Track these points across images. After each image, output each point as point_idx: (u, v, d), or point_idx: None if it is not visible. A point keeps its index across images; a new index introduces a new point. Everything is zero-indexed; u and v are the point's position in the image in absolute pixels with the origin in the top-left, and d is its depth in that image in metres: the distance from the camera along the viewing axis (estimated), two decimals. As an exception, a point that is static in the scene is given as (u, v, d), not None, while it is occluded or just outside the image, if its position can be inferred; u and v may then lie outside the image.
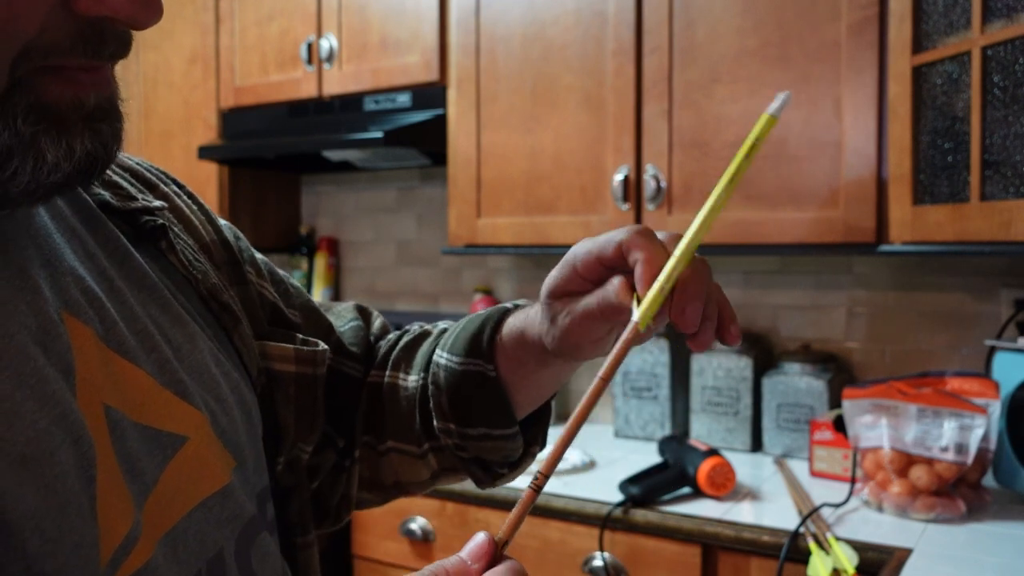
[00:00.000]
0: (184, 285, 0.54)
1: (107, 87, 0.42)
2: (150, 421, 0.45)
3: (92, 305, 0.45)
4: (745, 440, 1.89)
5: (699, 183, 1.72)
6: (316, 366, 0.62)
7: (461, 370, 0.62)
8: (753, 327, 2.01)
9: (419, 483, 0.70)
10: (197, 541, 0.45)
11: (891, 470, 1.47)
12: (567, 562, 1.56)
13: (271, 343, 0.60)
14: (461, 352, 0.63)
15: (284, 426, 0.60)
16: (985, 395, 1.47)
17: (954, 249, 1.43)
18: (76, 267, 0.45)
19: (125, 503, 0.41)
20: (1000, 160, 1.32)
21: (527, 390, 0.63)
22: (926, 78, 1.44)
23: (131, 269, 0.50)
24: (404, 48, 2.07)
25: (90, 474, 0.40)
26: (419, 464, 0.68)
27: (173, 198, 0.59)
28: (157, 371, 0.47)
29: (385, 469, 0.69)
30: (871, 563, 1.30)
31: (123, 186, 0.54)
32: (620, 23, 1.79)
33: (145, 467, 0.43)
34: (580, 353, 0.57)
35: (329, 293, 2.63)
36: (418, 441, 0.67)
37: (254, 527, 0.50)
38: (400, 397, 0.68)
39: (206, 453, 0.47)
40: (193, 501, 0.46)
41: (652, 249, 0.49)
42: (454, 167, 2.02)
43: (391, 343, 0.72)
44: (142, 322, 0.48)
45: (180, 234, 0.56)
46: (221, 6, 2.36)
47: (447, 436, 0.65)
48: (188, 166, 2.41)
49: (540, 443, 0.68)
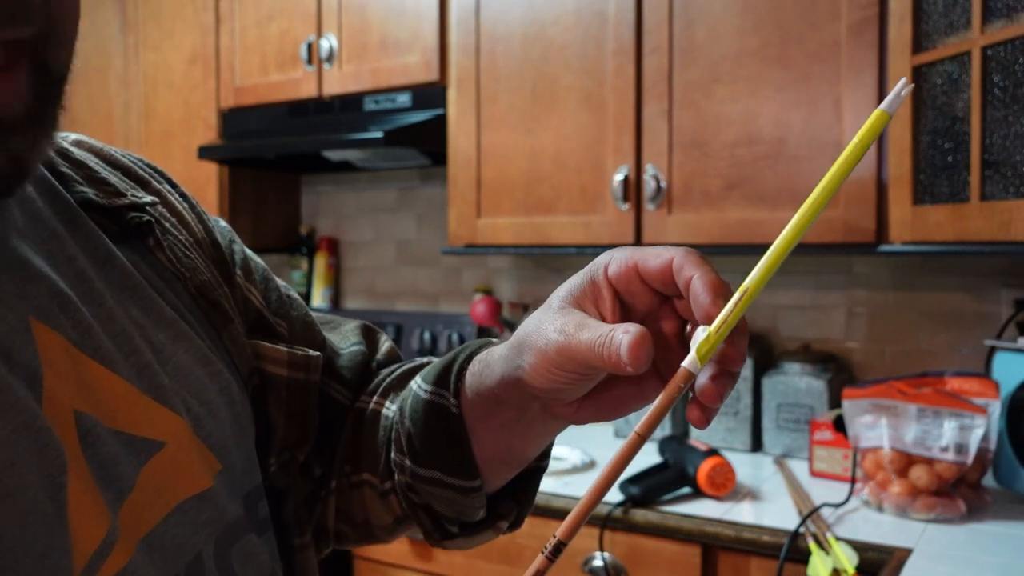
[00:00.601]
0: (173, 282, 0.53)
1: (14, 98, 0.38)
2: (125, 427, 0.44)
3: (64, 310, 0.44)
4: (745, 440, 1.89)
5: (699, 183, 1.73)
6: (309, 372, 0.60)
7: (425, 399, 0.55)
8: (753, 327, 2.01)
9: (384, 527, 0.64)
10: (175, 545, 0.45)
11: (891, 470, 1.47)
12: (567, 562, 1.56)
13: (264, 343, 0.59)
14: (431, 380, 0.55)
15: (274, 427, 0.59)
16: (985, 395, 1.47)
17: (954, 249, 1.43)
18: (48, 272, 0.44)
19: (99, 509, 0.41)
20: (1000, 160, 1.32)
21: (495, 439, 0.54)
22: (926, 78, 1.44)
23: (113, 270, 0.49)
24: (404, 48, 2.07)
25: (59, 482, 0.39)
26: (382, 505, 0.63)
27: (166, 195, 0.57)
28: (135, 376, 0.46)
29: (356, 504, 0.64)
30: (871, 563, 1.30)
31: (111, 183, 0.53)
32: (620, 23, 1.79)
33: (121, 473, 0.43)
34: (537, 386, 0.47)
35: (329, 293, 2.63)
36: (383, 477, 0.62)
37: (237, 529, 0.50)
38: (380, 427, 0.63)
39: (184, 457, 0.47)
40: (169, 505, 0.45)
41: (711, 272, 0.42)
42: (454, 167, 2.02)
43: (390, 371, 0.67)
44: (121, 325, 0.47)
45: (171, 229, 0.55)
46: (221, 6, 2.36)
47: (400, 472, 0.58)
48: (188, 166, 2.42)
49: (513, 520, 0.59)
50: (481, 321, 2.20)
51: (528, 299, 2.30)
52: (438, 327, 2.37)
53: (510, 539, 1.61)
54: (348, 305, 2.65)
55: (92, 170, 0.53)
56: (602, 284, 0.46)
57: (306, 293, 2.67)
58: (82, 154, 0.54)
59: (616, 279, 0.46)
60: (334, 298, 2.65)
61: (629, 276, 0.45)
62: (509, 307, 2.29)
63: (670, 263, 0.43)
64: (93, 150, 0.56)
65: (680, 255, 0.43)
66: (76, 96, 2.66)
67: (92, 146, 0.56)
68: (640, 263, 0.45)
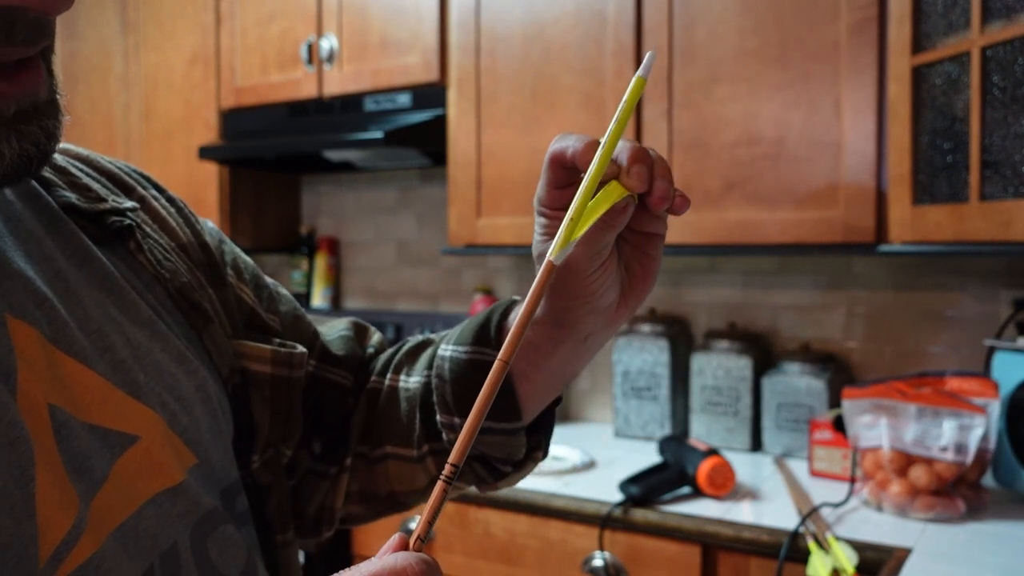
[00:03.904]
0: (153, 284, 0.55)
1: (33, 89, 0.41)
2: (99, 420, 0.45)
3: (40, 307, 0.45)
4: (745, 440, 1.89)
5: (699, 183, 1.73)
6: (293, 368, 0.62)
7: (467, 359, 0.60)
8: (753, 327, 2.02)
9: (414, 492, 0.68)
10: (149, 536, 0.46)
11: (891, 470, 1.47)
12: (567, 562, 1.56)
13: (247, 342, 0.60)
14: (467, 341, 0.61)
15: (259, 425, 0.60)
16: (984, 395, 1.47)
17: (954, 249, 1.43)
18: (26, 270, 0.46)
19: (69, 500, 0.42)
20: (999, 160, 1.32)
21: (534, 380, 0.59)
22: (926, 78, 1.44)
23: (92, 271, 0.50)
24: (404, 48, 2.07)
25: (28, 474, 0.40)
26: (416, 470, 0.66)
27: (150, 200, 0.59)
28: (110, 371, 0.47)
29: (380, 479, 0.67)
30: (870, 563, 1.30)
31: (93, 188, 0.55)
32: (620, 23, 1.79)
33: (94, 465, 0.44)
34: (581, 283, 0.52)
35: (329, 293, 2.63)
36: (417, 444, 0.65)
37: (212, 520, 0.51)
38: (400, 399, 0.66)
39: (158, 452, 0.48)
40: (143, 497, 0.46)
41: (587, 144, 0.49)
42: (454, 167, 2.02)
43: (392, 352, 0.71)
44: (97, 323, 0.48)
45: (151, 234, 0.57)
46: (221, 6, 2.37)
47: (450, 431, 0.62)
48: (188, 166, 2.42)
49: (543, 449, 0.65)
50: (481, 321, 2.20)
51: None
52: (438, 327, 2.37)
53: (510, 539, 1.61)
54: (348, 305, 2.66)
55: (74, 176, 0.55)
56: (564, 169, 0.51)
57: (306, 293, 2.67)
58: (65, 160, 0.56)
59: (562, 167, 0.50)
60: (334, 298, 2.65)
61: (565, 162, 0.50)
62: (509, 307, 2.29)
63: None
64: (78, 157, 0.58)
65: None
66: (76, 96, 2.67)
67: (77, 153, 0.58)
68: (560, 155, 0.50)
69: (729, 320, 2.02)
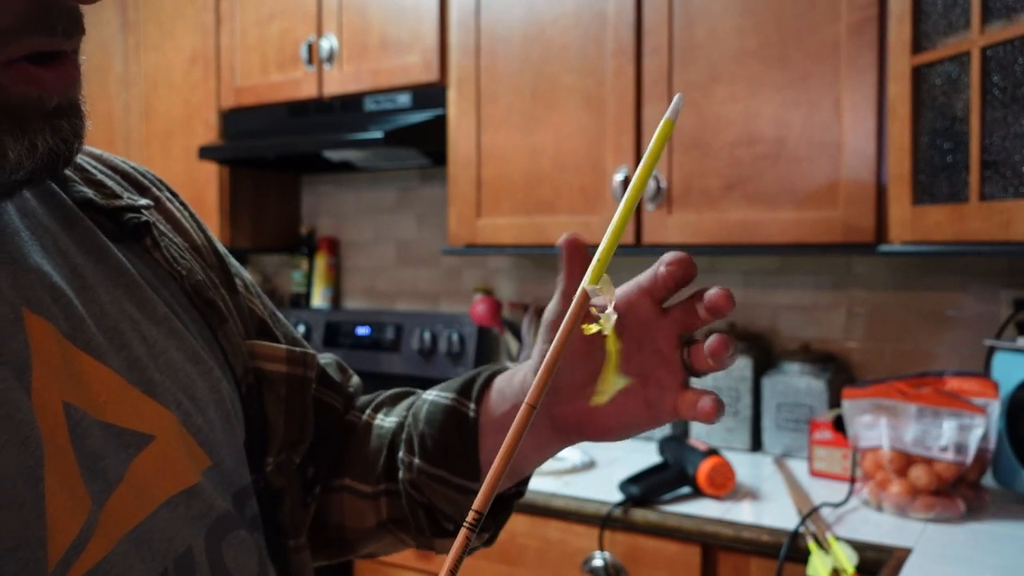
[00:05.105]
0: (169, 282, 0.54)
1: (71, 87, 0.42)
2: (114, 419, 0.44)
3: (57, 302, 0.44)
4: (745, 440, 1.89)
5: (699, 183, 1.73)
6: (307, 368, 0.62)
7: (445, 404, 0.61)
8: (753, 327, 2.02)
9: (360, 531, 0.66)
10: (163, 539, 0.45)
11: (891, 470, 1.47)
12: (567, 562, 1.56)
13: (261, 342, 0.60)
14: (452, 390, 0.62)
15: (274, 426, 0.59)
16: (984, 395, 1.47)
17: (953, 249, 1.43)
18: (42, 265, 0.45)
19: (81, 501, 0.41)
20: (999, 160, 1.32)
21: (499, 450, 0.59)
22: (926, 78, 1.44)
23: (108, 267, 0.49)
24: (404, 48, 2.07)
25: (38, 474, 0.39)
26: (367, 507, 0.65)
27: (164, 201, 0.59)
28: (126, 368, 0.46)
29: (332, 508, 0.66)
30: (870, 563, 1.30)
31: (108, 185, 0.54)
32: (620, 23, 1.79)
33: (109, 465, 0.43)
34: (603, 420, 0.54)
35: (329, 293, 2.63)
36: (375, 480, 0.65)
37: (227, 524, 0.50)
38: (373, 436, 0.66)
39: (173, 452, 0.47)
40: (159, 499, 0.45)
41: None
42: (454, 167, 2.02)
43: (373, 395, 0.72)
44: (113, 319, 0.47)
45: (166, 232, 0.56)
46: (221, 6, 2.37)
47: (407, 470, 0.62)
48: (188, 166, 2.42)
49: (489, 537, 0.65)
50: (481, 321, 2.20)
51: (528, 299, 2.30)
52: (438, 327, 2.37)
53: (510, 539, 1.61)
54: (348, 305, 2.66)
55: (89, 172, 0.54)
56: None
57: (306, 293, 2.67)
58: (81, 158, 0.55)
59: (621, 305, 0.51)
60: (334, 298, 2.65)
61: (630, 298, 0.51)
62: (509, 307, 2.29)
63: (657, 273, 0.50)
64: (92, 155, 0.57)
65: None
66: (76, 96, 2.66)
67: (91, 151, 0.57)
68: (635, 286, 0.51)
69: (729, 320, 2.02)
